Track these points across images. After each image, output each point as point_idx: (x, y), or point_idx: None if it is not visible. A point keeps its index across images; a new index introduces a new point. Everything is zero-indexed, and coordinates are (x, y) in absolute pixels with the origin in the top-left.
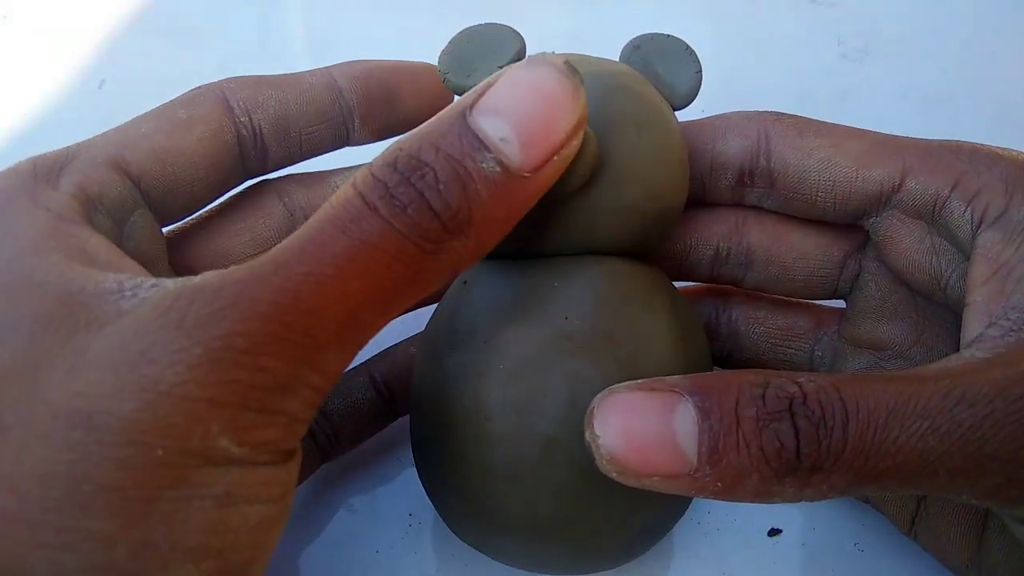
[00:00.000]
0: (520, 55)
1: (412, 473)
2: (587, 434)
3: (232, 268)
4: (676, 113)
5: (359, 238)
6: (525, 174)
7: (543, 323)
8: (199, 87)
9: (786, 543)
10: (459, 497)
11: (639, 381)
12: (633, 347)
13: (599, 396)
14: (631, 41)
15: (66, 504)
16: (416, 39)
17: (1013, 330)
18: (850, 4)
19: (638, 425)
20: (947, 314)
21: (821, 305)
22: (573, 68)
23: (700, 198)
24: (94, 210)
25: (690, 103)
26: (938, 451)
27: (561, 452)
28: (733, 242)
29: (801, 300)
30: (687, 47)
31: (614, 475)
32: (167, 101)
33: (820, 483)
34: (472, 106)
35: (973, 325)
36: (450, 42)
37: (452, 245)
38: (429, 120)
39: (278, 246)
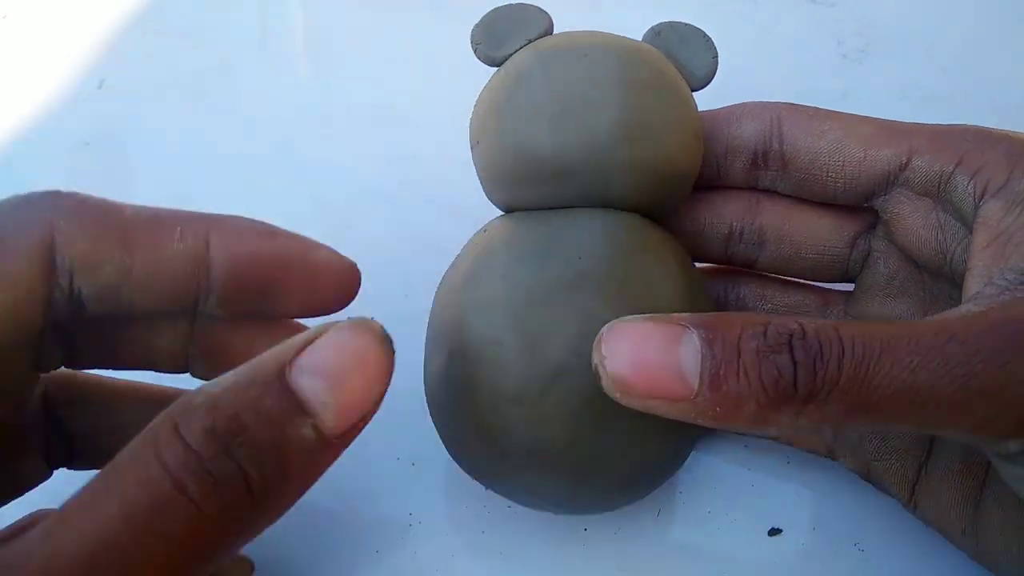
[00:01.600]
0: (548, 31)
1: (412, 473)
2: (594, 356)
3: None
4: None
5: (156, 531)
6: (334, 440)
7: (559, 261)
8: (28, 201)
9: (786, 543)
10: (468, 424)
11: (647, 315)
12: (643, 291)
13: (608, 324)
14: (652, 28)
15: None
16: (416, 39)
17: (1008, 289)
18: (850, 4)
19: (644, 350)
20: (953, 290)
21: (828, 287)
22: (389, 337)
23: (715, 181)
24: None
25: (707, 85)
26: (928, 384)
27: (568, 381)
28: (746, 222)
29: (808, 283)
30: (705, 35)
31: (617, 396)
32: None
33: (814, 412)
34: (292, 363)
35: (972, 286)
36: (482, 18)
37: (251, 514)
38: (244, 368)
39: (60, 521)
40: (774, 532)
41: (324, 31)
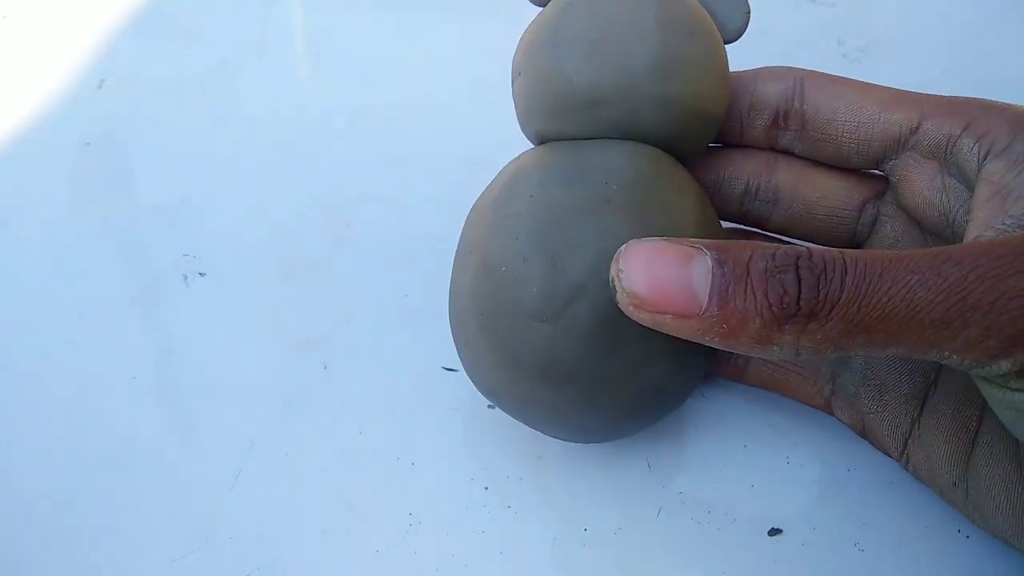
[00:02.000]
0: None
1: (412, 473)
2: (612, 270)
3: None
4: None
5: None
6: None
7: (586, 184)
8: None
9: (786, 543)
10: (488, 340)
11: (664, 237)
12: (662, 218)
13: (627, 242)
14: None
15: None
16: (416, 38)
17: (1005, 231)
18: (850, 4)
19: (658, 267)
20: None
21: None
22: None
23: (737, 139)
24: None
25: (738, 38)
26: (924, 301)
27: (586, 299)
28: (763, 179)
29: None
30: None
31: (631, 310)
32: None
33: (816, 331)
34: None
35: (971, 233)
36: None
37: None
38: None
39: None
40: (774, 532)
41: (324, 31)
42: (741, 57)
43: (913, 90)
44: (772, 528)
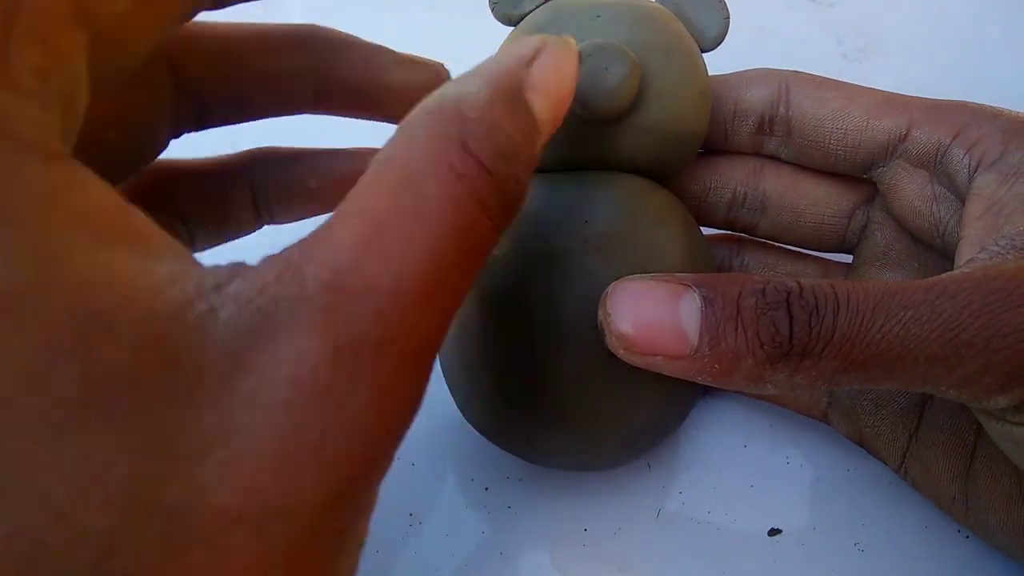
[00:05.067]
0: None
1: (412, 473)
2: (600, 313)
3: None
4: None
5: (464, 253)
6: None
7: (564, 224)
8: None
9: (786, 543)
10: (477, 384)
11: (650, 274)
12: (645, 253)
13: (613, 284)
14: None
15: None
16: (415, 38)
17: (1000, 253)
18: (850, 4)
19: (646, 308)
20: (945, 262)
21: (829, 258)
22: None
23: (722, 146)
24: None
25: (717, 46)
26: (919, 338)
27: (572, 343)
28: (750, 187)
29: (810, 252)
30: None
31: (622, 353)
32: None
33: (809, 369)
34: (526, 80)
35: (964, 253)
36: None
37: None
38: (486, 77)
39: None
40: (774, 532)
41: None
42: (739, 58)
43: (913, 90)
44: (772, 528)
